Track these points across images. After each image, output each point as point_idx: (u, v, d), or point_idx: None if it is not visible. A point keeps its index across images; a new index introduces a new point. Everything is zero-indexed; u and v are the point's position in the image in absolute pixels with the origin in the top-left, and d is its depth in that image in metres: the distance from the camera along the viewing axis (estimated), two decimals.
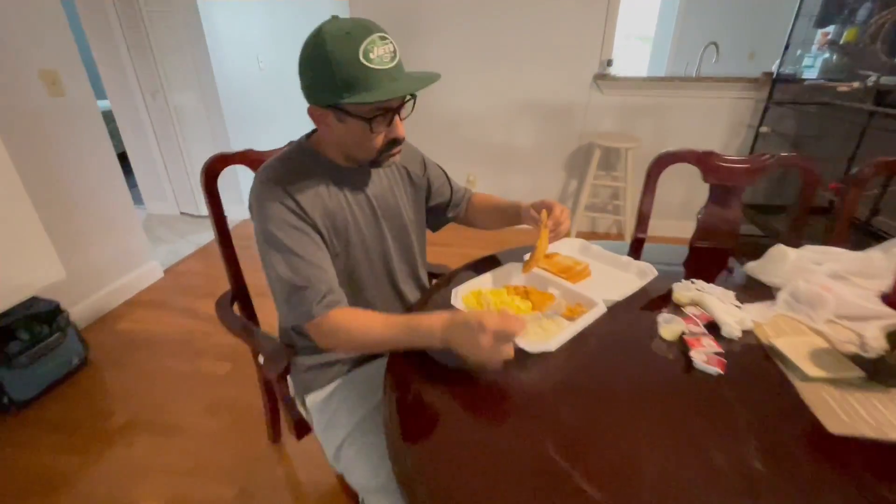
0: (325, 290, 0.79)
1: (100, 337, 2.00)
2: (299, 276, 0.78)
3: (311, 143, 0.88)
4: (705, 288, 0.92)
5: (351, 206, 0.88)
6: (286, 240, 0.78)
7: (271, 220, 0.79)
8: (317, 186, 0.84)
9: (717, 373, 0.71)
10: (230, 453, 1.45)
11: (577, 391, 0.70)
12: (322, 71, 0.71)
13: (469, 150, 3.03)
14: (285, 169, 0.83)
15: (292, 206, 0.79)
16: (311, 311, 0.77)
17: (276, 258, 0.79)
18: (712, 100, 2.60)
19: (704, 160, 1.12)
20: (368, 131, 0.76)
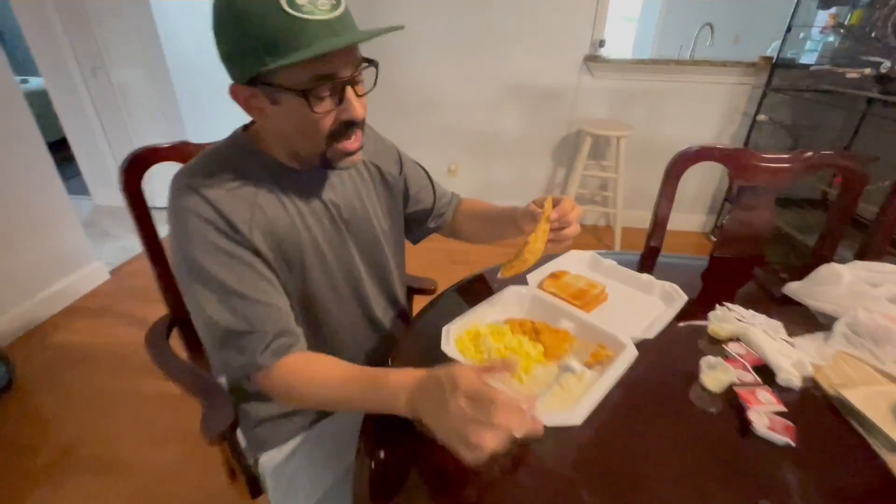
0: (275, 332, 0.60)
1: (29, 353, 1.74)
2: (238, 317, 0.58)
3: (250, 135, 0.67)
4: (746, 317, 0.77)
5: (304, 217, 0.67)
6: (217, 271, 0.58)
7: (195, 245, 0.58)
8: (255, 195, 0.63)
9: (787, 444, 0.55)
10: (180, 495, 1.24)
11: (600, 468, 0.54)
12: (237, 31, 0.51)
13: (449, 137, 2.81)
14: (211, 172, 0.61)
15: (222, 224, 0.59)
16: (255, 361, 0.59)
17: (204, 296, 0.58)
18: (707, 85, 2.45)
19: (735, 159, 0.95)
20: (308, 110, 0.55)
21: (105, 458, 1.35)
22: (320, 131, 0.58)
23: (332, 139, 0.60)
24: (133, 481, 1.28)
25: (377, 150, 0.81)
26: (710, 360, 0.65)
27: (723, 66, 2.35)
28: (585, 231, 2.88)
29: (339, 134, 0.60)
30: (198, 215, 0.58)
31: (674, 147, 1.01)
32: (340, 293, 0.75)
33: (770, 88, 2.31)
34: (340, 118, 0.58)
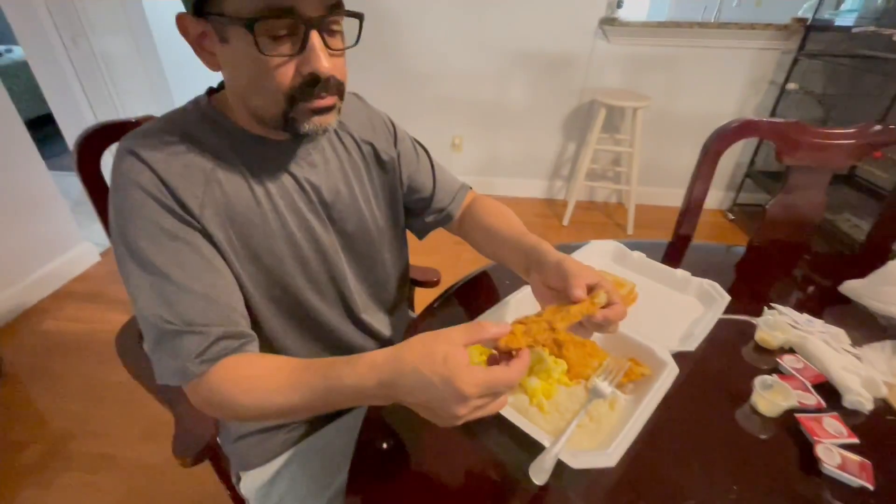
0: (218, 334, 0.48)
1: (17, 342, 1.67)
2: (173, 314, 0.47)
3: (216, 101, 0.56)
4: (801, 322, 0.66)
5: (272, 198, 0.56)
6: (154, 254, 0.48)
7: (132, 220, 0.48)
8: (213, 169, 0.52)
9: (863, 486, 0.46)
10: (172, 493, 1.19)
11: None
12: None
13: (453, 109, 2.65)
14: (162, 138, 0.51)
15: (167, 199, 0.49)
16: (188, 368, 0.47)
17: (137, 283, 0.48)
18: (732, 50, 2.26)
19: (787, 134, 0.82)
20: (256, 52, 0.45)
21: (96, 453, 1.29)
22: (277, 85, 0.47)
23: (292, 98, 0.48)
24: (125, 479, 1.22)
25: (371, 125, 0.68)
26: (767, 379, 0.55)
27: (751, 29, 2.16)
28: (596, 209, 2.75)
29: (302, 93, 0.48)
30: (139, 186, 0.48)
31: (693, 119, 0.89)
32: (323, 290, 0.64)
33: (802, 54, 2.12)
34: (302, 71, 0.47)
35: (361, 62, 2.49)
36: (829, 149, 0.82)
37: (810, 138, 0.81)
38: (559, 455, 0.43)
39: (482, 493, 0.46)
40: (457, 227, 0.78)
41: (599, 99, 2.22)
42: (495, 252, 0.70)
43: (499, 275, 0.79)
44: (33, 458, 1.27)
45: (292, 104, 0.48)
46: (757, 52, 2.26)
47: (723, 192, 2.67)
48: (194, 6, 0.45)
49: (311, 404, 0.46)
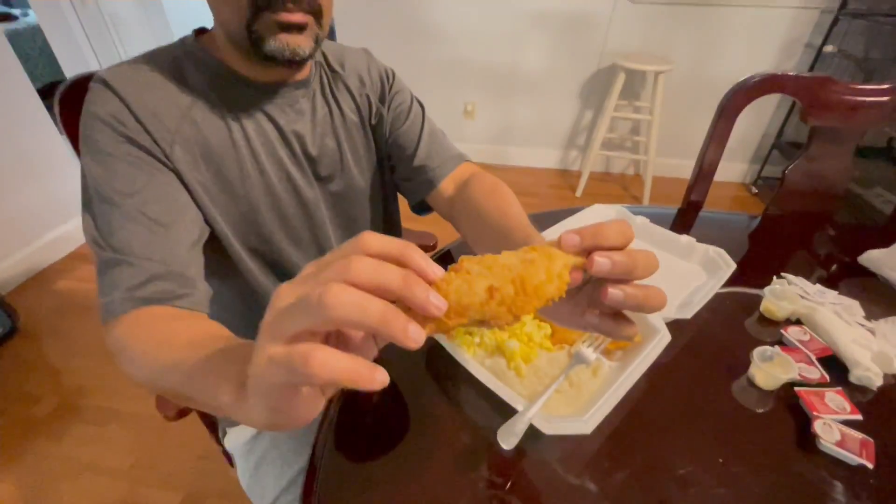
0: (154, 271, 0.43)
1: (32, 301, 1.72)
2: (111, 241, 0.43)
3: (202, 39, 0.53)
4: (812, 293, 0.61)
5: (251, 143, 0.53)
6: (104, 179, 0.45)
7: (89, 149, 0.46)
8: (190, 107, 0.50)
9: (863, 465, 0.42)
10: (177, 448, 1.22)
11: (620, 479, 0.42)
12: None
13: (466, 74, 2.55)
14: (137, 70, 0.49)
15: (131, 129, 0.46)
16: (113, 304, 0.42)
17: (89, 208, 0.46)
18: (767, 9, 2.10)
19: (815, 90, 0.75)
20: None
21: (106, 408, 1.33)
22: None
23: (257, 7, 0.44)
24: (133, 433, 1.27)
25: (370, 78, 0.64)
26: (766, 350, 0.51)
27: None
28: (612, 180, 2.66)
29: (268, 1, 0.43)
30: (99, 115, 0.46)
31: (719, 85, 0.81)
32: (305, 247, 0.62)
33: (844, 13, 1.96)
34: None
35: (370, 23, 2.41)
36: (861, 107, 0.74)
37: (841, 95, 0.74)
38: (532, 420, 0.41)
39: (453, 456, 0.44)
40: (447, 205, 0.64)
41: (619, 63, 2.10)
42: (483, 245, 0.53)
43: None
44: (46, 411, 1.32)
45: (256, 14, 0.44)
46: (793, 10, 2.10)
47: (747, 164, 2.54)
48: None
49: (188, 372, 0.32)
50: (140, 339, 0.40)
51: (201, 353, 0.32)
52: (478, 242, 0.56)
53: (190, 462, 1.19)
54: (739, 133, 2.43)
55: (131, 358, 0.39)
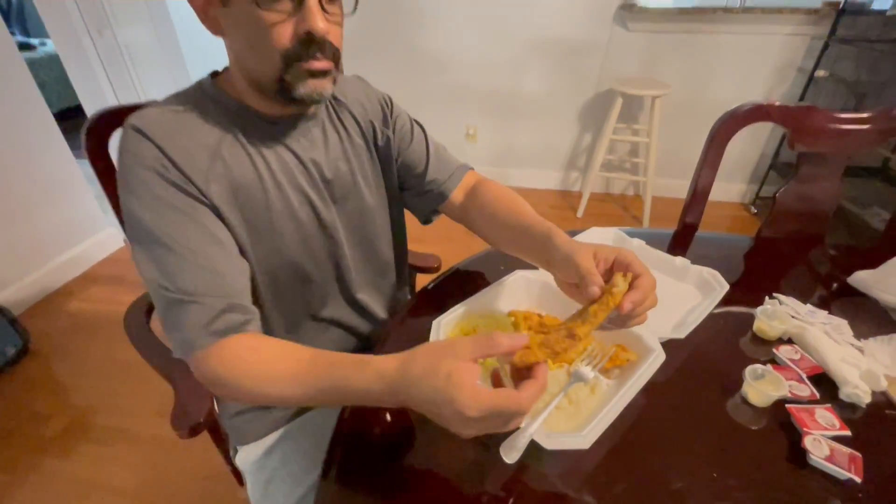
0: (221, 306, 0.49)
1: (43, 322, 1.75)
2: (177, 284, 0.48)
3: (218, 81, 0.58)
4: (802, 313, 0.64)
5: (275, 175, 0.58)
6: (157, 226, 0.49)
7: (135, 195, 0.50)
8: (217, 145, 0.54)
9: (850, 479, 0.44)
10: (183, 468, 1.23)
11: (616, 497, 0.44)
12: None
13: (467, 98, 2.63)
14: (165, 115, 0.53)
15: (171, 173, 0.50)
16: (193, 339, 0.48)
17: (145, 257, 0.50)
18: (759, 36, 2.17)
19: (798, 119, 0.79)
20: (256, 11, 0.46)
21: (114, 428, 1.35)
22: (273, 43, 0.48)
23: (288, 59, 0.49)
24: (141, 451, 1.28)
25: (370, 104, 0.69)
26: (757, 368, 0.53)
27: (779, 14, 2.07)
28: (612, 200, 2.70)
29: (298, 53, 0.49)
30: (143, 162, 0.49)
31: (714, 108, 0.85)
32: (321, 266, 0.66)
33: (833, 39, 2.02)
34: (298, 31, 0.48)
35: (374, 48, 2.50)
36: (844, 135, 0.78)
37: (824, 123, 0.78)
38: (533, 435, 0.43)
39: (458, 471, 0.46)
40: (458, 211, 0.72)
41: (616, 87, 2.17)
42: (506, 244, 0.66)
43: (495, 259, 0.79)
44: (56, 430, 1.34)
45: (288, 65, 0.49)
46: (785, 37, 2.17)
47: (746, 184, 2.59)
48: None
49: (313, 398, 0.46)
50: (236, 372, 0.47)
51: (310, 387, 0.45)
52: (499, 241, 0.68)
53: (196, 482, 1.20)
54: (738, 154, 2.49)
55: (232, 388, 0.48)
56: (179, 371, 0.71)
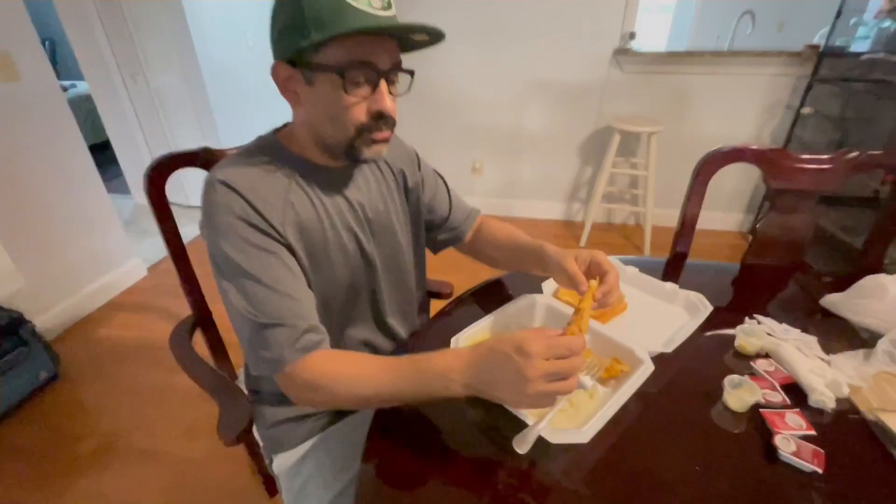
0: (304, 327, 0.59)
1: (74, 347, 1.84)
2: (264, 310, 0.58)
3: (279, 137, 0.69)
4: (777, 331, 0.72)
5: (330, 215, 0.68)
6: (246, 263, 0.59)
7: (227, 239, 0.59)
8: (286, 192, 0.64)
9: (813, 471, 0.52)
10: (209, 487, 1.29)
11: (611, 491, 0.51)
12: (291, 9, 0.55)
13: (474, 135, 2.79)
14: (243, 169, 0.63)
15: (255, 219, 0.60)
16: (283, 356, 0.57)
17: (235, 290, 0.59)
18: (747, 77, 2.32)
19: (771, 160, 0.90)
20: (341, 92, 0.57)
21: (143, 448, 1.42)
22: (351, 119, 0.59)
23: (360, 130, 0.60)
24: (168, 472, 1.34)
25: (400, 154, 0.81)
26: (735, 378, 0.61)
27: (763, 57, 2.22)
28: (614, 230, 2.80)
29: (369, 127, 0.60)
30: (231, 211, 0.59)
31: (708, 143, 0.97)
32: (358, 300, 0.76)
33: (816, 79, 2.17)
34: (371, 109, 0.59)
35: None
36: (809, 173, 0.88)
37: (792, 163, 0.88)
38: (540, 432, 0.51)
39: (476, 464, 0.54)
40: (468, 246, 0.90)
41: (614, 125, 2.31)
42: (509, 263, 0.85)
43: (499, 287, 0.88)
44: (88, 450, 1.41)
45: (359, 134, 0.60)
46: (771, 77, 2.32)
47: (743, 214, 2.69)
48: (289, 59, 0.58)
49: (399, 389, 0.55)
50: (327, 379, 0.58)
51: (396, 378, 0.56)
52: (503, 262, 0.86)
53: (221, 501, 1.26)
54: (735, 187, 2.60)
55: (331, 386, 0.58)
56: (221, 387, 0.80)
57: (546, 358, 0.47)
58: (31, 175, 1.78)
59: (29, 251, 1.76)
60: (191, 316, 0.99)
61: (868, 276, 0.74)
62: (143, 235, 2.73)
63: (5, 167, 1.68)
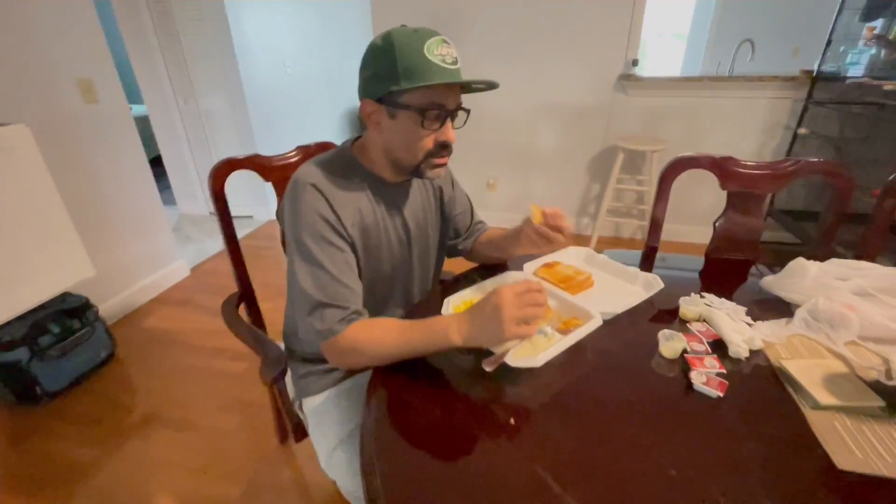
0: (352, 310, 0.75)
1: (127, 333, 2.09)
2: (325, 293, 0.74)
3: (354, 150, 0.85)
4: (715, 303, 0.87)
5: (387, 225, 0.86)
6: (318, 254, 0.75)
7: (305, 230, 0.75)
8: (357, 199, 0.81)
9: (717, 395, 0.66)
10: (239, 452, 1.47)
11: (569, 410, 0.67)
12: (385, 60, 0.71)
13: (489, 153, 3.00)
14: (328, 176, 0.79)
15: (332, 218, 0.76)
16: (333, 328, 0.73)
17: (303, 270, 0.75)
18: (746, 100, 2.46)
19: (721, 166, 1.05)
20: (419, 127, 0.74)
21: (182, 419, 1.62)
22: (422, 147, 0.76)
23: (427, 156, 0.78)
24: (204, 439, 1.53)
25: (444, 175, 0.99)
26: (668, 331, 0.76)
27: (759, 82, 2.36)
28: (621, 244, 2.93)
29: (434, 153, 0.78)
30: (316, 210, 0.75)
31: None
32: (394, 290, 0.94)
33: (811, 102, 2.29)
34: (439, 139, 0.77)
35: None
36: (755, 178, 1.03)
37: (738, 169, 1.03)
38: (505, 359, 0.68)
39: (455, 381, 0.71)
40: (470, 255, 1.09)
41: (619, 144, 2.48)
42: (496, 248, 1.02)
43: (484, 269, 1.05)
44: (137, 419, 1.62)
45: (426, 159, 0.78)
46: (770, 100, 2.45)
47: None
48: (377, 98, 0.74)
49: (413, 346, 0.71)
50: (364, 339, 0.73)
51: (412, 336, 0.71)
52: (493, 257, 1.04)
53: (249, 463, 1.43)
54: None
55: (363, 349, 0.73)
56: (260, 341, 0.98)
57: (517, 306, 0.64)
58: (103, 182, 2.07)
59: (98, 246, 2.03)
60: (236, 293, 1.20)
61: (794, 259, 0.88)
62: (186, 241, 3.02)
63: (84, 175, 1.98)
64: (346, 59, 4.05)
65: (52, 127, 1.82)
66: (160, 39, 2.87)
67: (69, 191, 1.79)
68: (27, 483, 1.39)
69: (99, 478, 1.40)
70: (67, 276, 1.68)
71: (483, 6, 2.61)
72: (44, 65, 1.78)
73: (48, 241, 1.61)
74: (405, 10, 2.68)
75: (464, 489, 0.55)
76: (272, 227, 3.26)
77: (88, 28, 1.93)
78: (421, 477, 0.57)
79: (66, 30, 1.84)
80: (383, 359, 0.74)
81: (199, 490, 1.36)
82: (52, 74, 1.82)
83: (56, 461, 1.46)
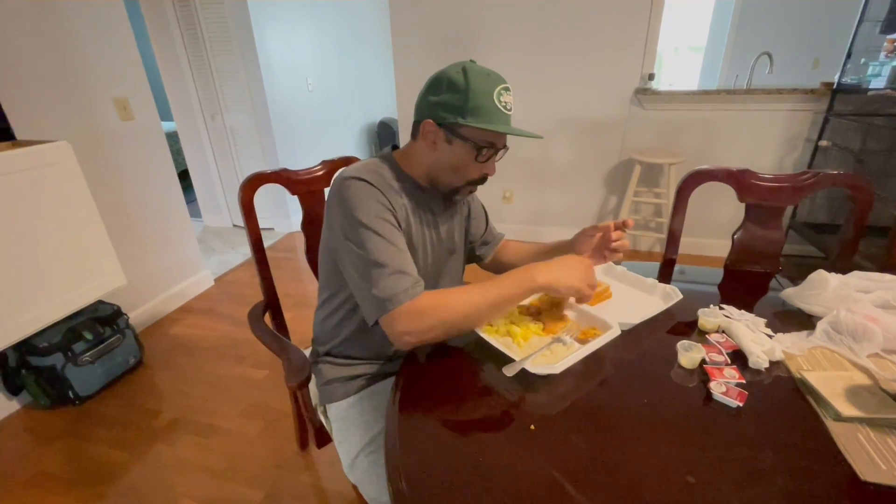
0: (417, 278, 0.79)
1: (154, 340, 2.16)
2: (392, 263, 0.77)
3: (396, 156, 0.92)
4: (734, 314, 0.87)
5: (423, 229, 0.92)
6: (381, 230, 0.79)
7: (366, 213, 0.79)
8: (402, 199, 0.87)
9: (737, 406, 0.67)
10: (260, 457, 1.51)
11: (588, 417, 0.68)
12: (459, 94, 0.79)
13: (505, 166, 3.02)
14: (377, 174, 0.85)
15: (388, 206, 0.82)
16: (409, 291, 0.75)
17: (373, 243, 0.78)
18: (764, 112, 2.45)
19: (738, 179, 1.06)
20: (472, 158, 0.83)
21: (206, 424, 1.66)
22: (468, 175, 0.86)
23: (468, 183, 0.87)
24: (227, 444, 1.57)
25: None
26: (686, 342, 0.77)
27: (778, 94, 2.36)
28: (639, 257, 2.91)
29: (475, 182, 0.88)
30: (372, 196, 0.80)
31: None
32: (427, 279, 0.97)
33: (832, 114, 2.27)
34: (482, 171, 0.87)
35: None
36: (772, 191, 1.03)
37: (756, 182, 1.04)
38: (524, 364, 0.70)
39: (477, 388, 0.73)
40: (491, 259, 1.15)
41: (635, 157, 2.49)
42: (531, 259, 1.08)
43: None
44: (163, 423, 1.67)
45: (465, 184, 0.88)
46: (788, 113, 2.43)
47: None
48: (440, 124, 0.81)
49: (497, 294, 0.77)
50: (435, 306, 0.76)
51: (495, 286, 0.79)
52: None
53: (270, 469, 1.46)
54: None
55: (447, 302, 0.76)
56: (283, 348, 1.02)
57: (589, 273, 0.81)
58: (136, 195, 2.17)
59: (129, 256, 2.11)
60: (261, 301, 1.24)
61: (815, 271, 0.88)
62: (210, 252, 3.11)
63: (119, 188, 2.07)
64: (364, 75, 4.17)
65: (91, 143, 1.93)
66: (191, 59, 3.01)
67: (105, 203, 1.88)
68: (59, 482, 1.45)
69: (127, 479, 1.45)
70: (102, 284, 1.76)
71: (500, 23, 2.67)
72: (84, 85, 1.89)
73: (86, 251, 1.69)
74: (424, 29, 2.76)
75: (484, 492, 0.57)
76: (291, 239, 3.33)
77: (126, 50, 2.04)
78: (443, 479, 0.59)
79: (103, 52, 1.95)
80: (466, 313, 0.77)
81: (222, 493, 1.39)
82: (93, 94, 1.92)
83: (87, 462, 1.52)
